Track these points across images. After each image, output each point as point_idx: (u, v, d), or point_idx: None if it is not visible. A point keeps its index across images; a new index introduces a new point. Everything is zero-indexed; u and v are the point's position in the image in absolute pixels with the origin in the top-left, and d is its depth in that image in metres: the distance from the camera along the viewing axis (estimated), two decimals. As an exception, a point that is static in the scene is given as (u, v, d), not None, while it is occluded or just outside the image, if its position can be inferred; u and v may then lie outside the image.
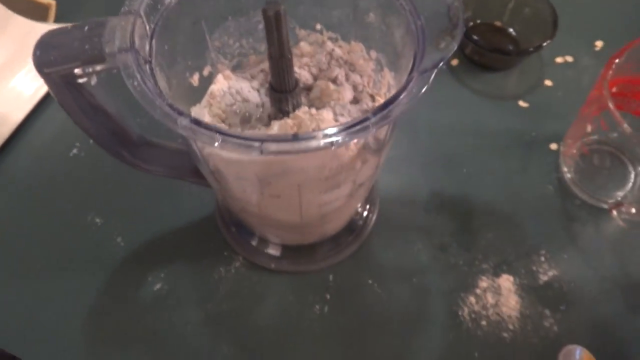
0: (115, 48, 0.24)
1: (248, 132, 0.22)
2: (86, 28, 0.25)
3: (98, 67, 0.25)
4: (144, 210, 0.42)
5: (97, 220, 0.41)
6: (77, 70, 0.26)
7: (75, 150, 0.45)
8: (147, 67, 0.25)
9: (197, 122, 0.22)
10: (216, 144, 0.22)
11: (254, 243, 0.41)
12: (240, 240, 0.41)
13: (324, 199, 0.30)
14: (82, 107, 0.28)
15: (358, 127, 0.22)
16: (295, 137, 0.22)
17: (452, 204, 0.43)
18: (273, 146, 0.22)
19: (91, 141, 0.45)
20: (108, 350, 0.36)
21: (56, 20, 0.51)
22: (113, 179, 0.43)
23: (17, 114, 0.44)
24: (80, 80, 0.27)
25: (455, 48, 0.25)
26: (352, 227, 0.41)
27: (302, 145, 0.22)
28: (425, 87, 0.24)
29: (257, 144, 0.22)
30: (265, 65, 0.35)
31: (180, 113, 0.22)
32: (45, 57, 0.25)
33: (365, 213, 0.42)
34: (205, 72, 0.33)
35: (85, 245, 0.40)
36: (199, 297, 0.38)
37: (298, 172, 0.27)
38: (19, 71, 0.44)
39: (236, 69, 0.36)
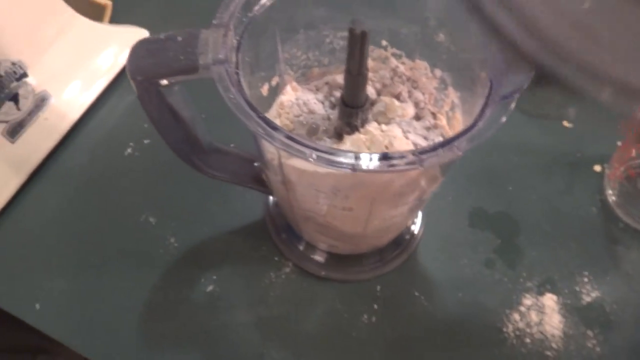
0: (210, 60, 0.25)
1: (341, 149, 0.22)
2: (179, 39, 0.26)
3: (190, 77, 0.26)
4: (196, 212, 0.43)
5: (151, 219, 0.42)
6: (165, 80, 0.27)
7: (129, 150, 0.46)
8: (236, 78, 0.26)
9: (291, 138, 0.23)
10: (311, 159, 0.22)
11: (301, 247, 0.42)
12: (290, 245, 0.41)
13: (391, 213, 0.30)
14: (164, 114, 0.29)
15: (445, 149, 0.23)
16: (385, 156, 0.23)
17: (496, 220, 0.44)
18: (365, 164, 0.23)
19: (145, 141, 0.46)
20: (162, 346, 0.37)
21: (111, 21, 0.52)
22: (166, 179, 0.44)
23: (74, 113, 0.45)
24: (165, 88, 0.28)
25: (532, 76, 0.25)
26: (399, 241, 0.42)
27: (393, 164, 0.23)
28: (507, 115, 0.25)
29: (350, 161, 0.23)
30: (329, 78, 0.36)
31: (275, 127, 0.23)
32: (140, 65, 0.26)
33: (412, 227, 0.43)
34: (273, 83, 0.34)
35: (140, 244, 0.41)
36: (250, 300, 0.39)
37: (372, 185, 0.27)
38: (80, 70, 0.45)
39: (299, 80, 0.37)
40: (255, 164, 0.37)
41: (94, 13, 0.50)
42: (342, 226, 0.32)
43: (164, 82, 0.27)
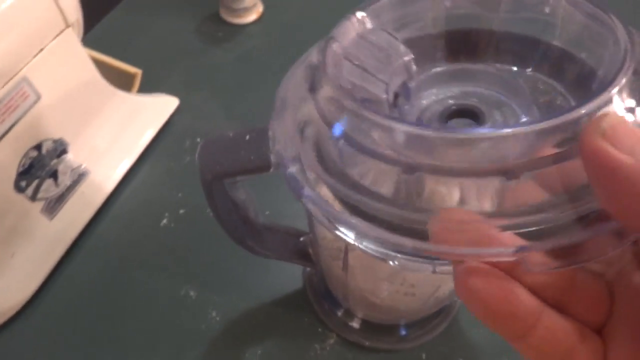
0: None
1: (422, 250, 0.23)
2: (247, 137, 0.26)
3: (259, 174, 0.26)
4: (236, 283, 0.43)
5: (192, 293, 0.42)
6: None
7: (165, 221, 0.46)
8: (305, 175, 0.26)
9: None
10: (390, 261, 0.23)
11: (339, 314, 0.42)
12: (331, 314, 0.41)
13: (451, 293, 0.31)
14: (226, 204, 0.29)
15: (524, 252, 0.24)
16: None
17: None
18: (446, 268, 0.23)
19: (181, 211, 0.47)
20: None
21: (139, 90, 0.52)
22: (204, 250, 0.44)
23: (109, 184, 0.45)
24: (230, 183, 0.28)
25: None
26: (441, 309, 0.42)
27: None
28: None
29: (429, 265, 0.23)
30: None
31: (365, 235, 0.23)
32: (211, 165, 0.26)
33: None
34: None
35: (181, 319, 0.41)
36: (298, 375, 0.39)
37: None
38: (116, 142, 0.46)
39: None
40: (301, 239, 0.37)
41: (124, 82, 0.51)
42: (398, 305, 0.32)
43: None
